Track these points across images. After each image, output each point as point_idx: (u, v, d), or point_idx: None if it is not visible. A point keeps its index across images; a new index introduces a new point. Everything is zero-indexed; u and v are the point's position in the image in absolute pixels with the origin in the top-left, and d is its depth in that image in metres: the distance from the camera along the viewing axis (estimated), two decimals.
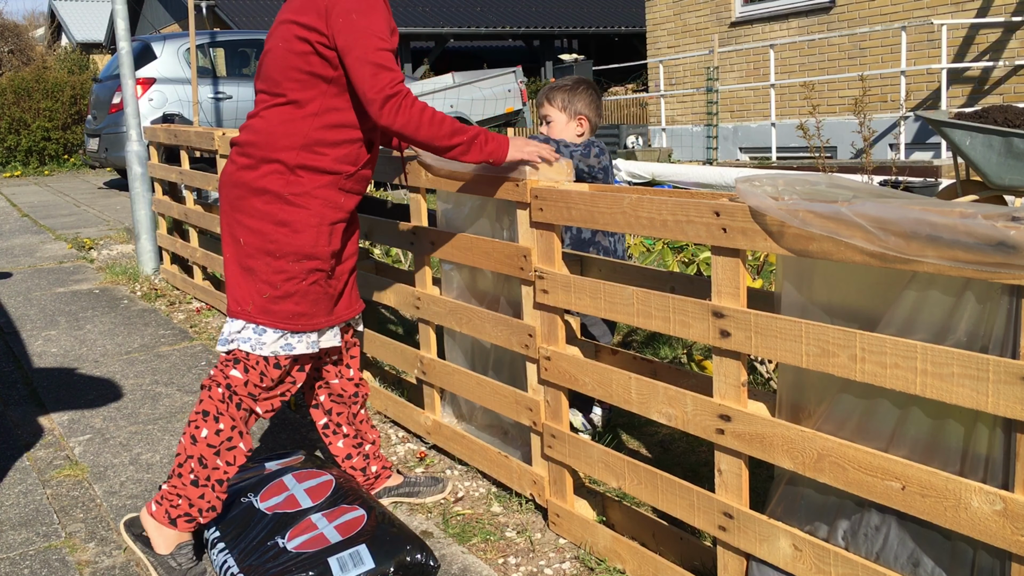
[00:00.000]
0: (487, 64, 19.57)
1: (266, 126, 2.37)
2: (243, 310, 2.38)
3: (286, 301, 2.37)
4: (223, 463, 2.40)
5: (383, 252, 5.76)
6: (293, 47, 2.32)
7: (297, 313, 2.39)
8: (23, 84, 15.51)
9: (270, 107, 2.38)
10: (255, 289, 2.36)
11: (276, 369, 2.41)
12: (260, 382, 2.41)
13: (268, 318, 2.37)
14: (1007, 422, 1.52)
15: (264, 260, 2.35)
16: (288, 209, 2.34)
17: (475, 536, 2.60)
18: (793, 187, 1.72)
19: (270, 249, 2.34)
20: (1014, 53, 8.78)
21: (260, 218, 2.34)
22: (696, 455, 3.04)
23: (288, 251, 2.34)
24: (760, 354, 1.84)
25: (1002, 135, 5.40)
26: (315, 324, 2.42)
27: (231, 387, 2.41)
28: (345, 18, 2.26)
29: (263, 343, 2.38)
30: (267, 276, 2.35)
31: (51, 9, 33.58)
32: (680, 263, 5.05)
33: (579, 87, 3.16)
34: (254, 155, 2.37)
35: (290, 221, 2.34)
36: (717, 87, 11.89)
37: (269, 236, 2.34)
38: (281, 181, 2.34)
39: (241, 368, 2.41)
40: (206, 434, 2.39)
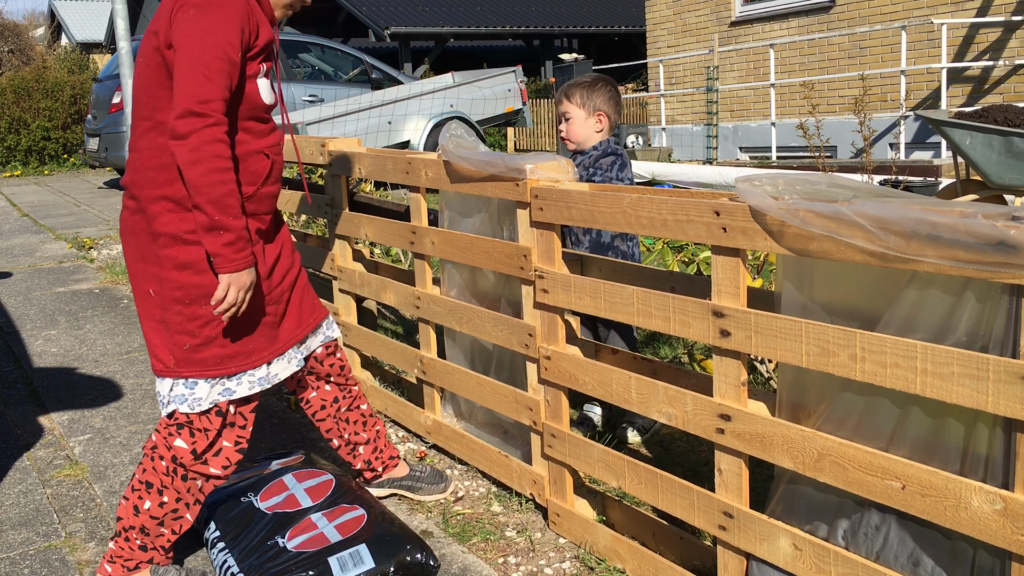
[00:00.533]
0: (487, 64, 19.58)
1: (140, 161, 2.12)
2: (166, 367, 2.18)
3: (210, 347, 2.16)
4: (168, 531, 2.29)
5: (383, 252, 5.75)
6: (150, 61, 2.09)
7: (225, 356, 2.18)
8: (23, 84, 15.52)
9: (141, 135, 2.13)
10: (173, 342, 2.16)
11: (219, 417, 2.24)
12: (210, 443, 2.25)
13: (194, 369, 2.16)
14: (1007, 421, 1.52)
15: (175, 309, 2.14)
16: (187, 249, 2.11)
17: (475, 536, 2.60)
18: (793, 187, 1.72)
19: (178, 296, 2.13)
20: (1014, 52, 8.78)
21: (161, 264, 2.13)
22: (696, 454, 3.04)
23: (197, 295, 2.13)
24: (760, 353, 1.84)
25: (1002, 134, 5.40)
26: (253, 362, 2.23)
27: (176, 459, 2.24)
28: (183, 13, 2.00)
29: (199, 398, 2.19)
30: (182, 326, 2.14)
31: (51, 9, 33.57)
32: (680, 263, 5.05)
33: (598, 83, 3.15)
34: (139, 196, 2.13)
35: (191, 262, 2.11)
36: (717, 87, 11.88)
37: (174, 282, 2.12)
38: (174, 220, 2.10)
39: (186, 434, 2.23)
40: (149, 506, 2.26)
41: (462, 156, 2.62)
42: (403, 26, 18.57)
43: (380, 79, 12.39)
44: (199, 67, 1.97)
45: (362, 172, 3.33)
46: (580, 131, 3.13)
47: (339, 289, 3.69)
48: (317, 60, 12.63)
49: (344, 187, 3.59)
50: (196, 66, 1.97)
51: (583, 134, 3.13)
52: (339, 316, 3.71)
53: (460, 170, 2.68)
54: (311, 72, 12.47)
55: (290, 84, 11.63)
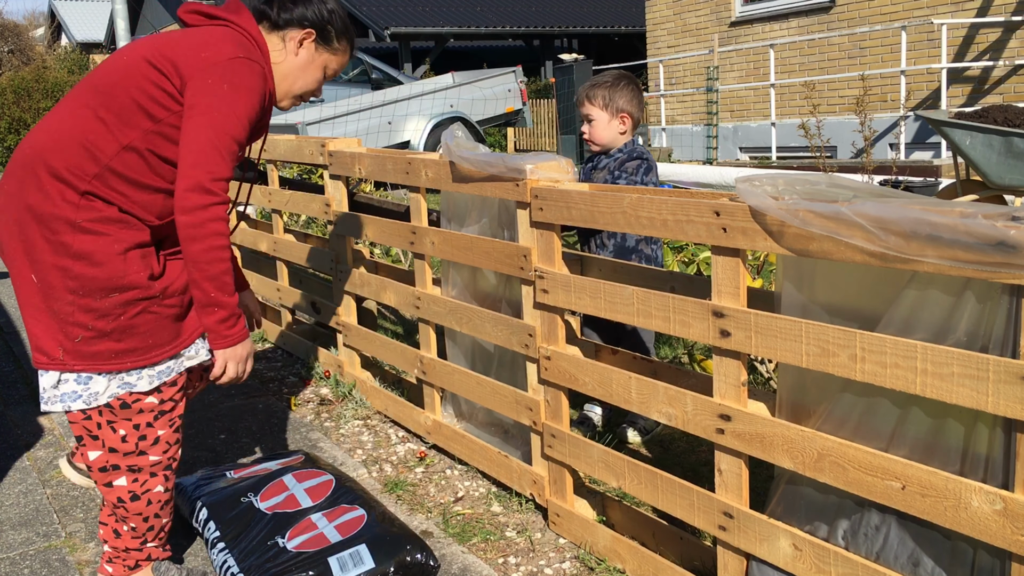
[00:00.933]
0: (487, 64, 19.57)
1: (60, 134, 2.03)
2: (51, 359, 2.03)
3: (104, 340, 2.04)
4: (157, 527, 2.23)
5: (383, 252, 5.75)
6: (133, 73, 2.04)
7: (121, 351, 2.05)
8: (23, 84, 15.52)
9: (75, 112, 2.05)
10: (63, 333, 2.02)
11: (125, 409, 2.11)
12: (145, 436, 2.13)
13: (86, 362, 2.03)
14: (1007, 422, 1.52)
15: (67, 299, 2.00)
16: (84, 239, 2.00)
17: (475, 536, 2.60)
18: (793, 187, 1.72)
19: (71, 287, 2.00)
20: (1014, 52, 8.78)
21: (52, 251, 1.99)
22: (696, 455, 3.04)
23: (93, 287, 2.01)
24: (760, 354, 1.84)
25: (1002, 135, 5.40)
26: (151, 358, 2.09)
27: (121, 501, 2.16)
28: (214, 81, 2.00)
29: (95, 393, 2.06)
30: (74, 317, 2.01)
31: (51, 9, 33.57)
32: (680, 263, 5.05)
33: (620, 83, 3.10)
34: (38, 172, 2.01)
35: (88, 252, 2.00)
36: (717, 87, 11.88)
37: (67, 271, 1.99)
38: (70, 206, 2.00)
39: (122, 470, 2.13)
40: (123, 532, 2.22)
41: (463, 156, 2.62)
42: (403, 26, 18.57)
43: (380, 79, 12.39)
44: (219, 145, 1.99)
45: (362, 172, 3.33)
46: (603, 134, 3.10)
47: (339, 289, 3.69)
48: None
49: (344, 187, 3.59)
50: (216, 143, 1.99)
51: (607, 136, 3.10)
52: (339, 316, 3.71)
53: (461, 170, 2.68)
54: None
55: None
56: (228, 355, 2.12)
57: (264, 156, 4.13)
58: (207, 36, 2.10)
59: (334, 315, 3.76)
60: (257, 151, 2.24)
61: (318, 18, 2.24)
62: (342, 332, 3.72)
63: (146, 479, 2.18)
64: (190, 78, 2.01)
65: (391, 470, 3.09)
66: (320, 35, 2.25)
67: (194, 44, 2.07)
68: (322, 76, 2.32)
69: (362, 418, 3.55)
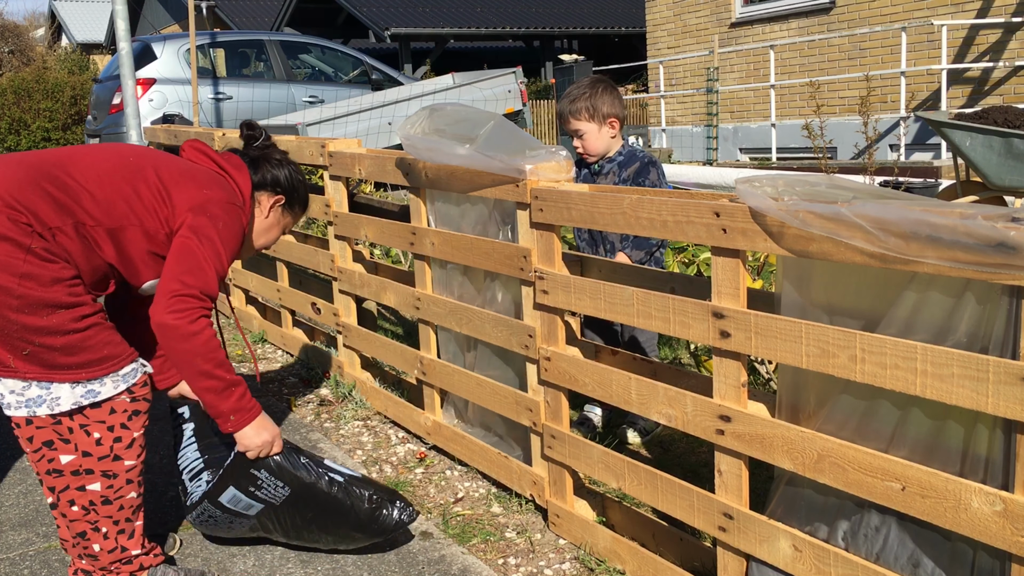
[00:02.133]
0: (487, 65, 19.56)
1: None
2: (5, 367, 2.00)
3: (55, 354, 2.01)
4: (132, 535, 2.22)
5: (383, 253, 5.76)
6: (138, 180, 2.15)
7: (74, 364, 2.03)
8: (23, 84, 15.51)
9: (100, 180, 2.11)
10: (9, 346, 1.99)
11: (107, 405, 2.10)
12: (120, 438, 2.13)
13: (43, 372, 2.02)
14: (1007, 423, 1.52)
15: (8, 316, 1.97)
16: (33, 261, 1.98)
17: (475, 537, 2.60)
18: (793, 188, 1.72)
19: (13, 305, 1.96)
20: (1014, 54, 8.78)
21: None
22: (696, 455, 3.04)
23: (35, 304, 1.98)
24: (760, 355, 1.84)
25: (1002, 136, 5.40)
26: (109, 367, 2.08)
27: (92, 504, 2.14)
28: (208, 218, 2.16)
29: (57, 398, 2.04)
30: (18, 334, 1.98)
31: (51, 9, 33.58)
32: (680, 264, 5.05)
33: (597, 89, 3.11)
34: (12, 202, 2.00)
35: (34, 274, 1.97)
36: (717, 88, 11.88)
37: (9, 290, 1.95)
38: (19, 231, 1.98)
39: (96, 474, 2.10)
40: (99, 547, 2.18)
41: (463, 157, 2.62)
42: (403, 27, 18.57)
43: (380, 80, 12.39)
44: (205, 265, 2.13)
45: (362, 173, 3.33)
46: (597, 144, 3.12)
47: (339, 290, 3.69)
48: (317, 61, 12.63)
49: (344, 188, 3.59)
50: (204, 262, 2.13)
51: (601, 145, 3.12)
52: (339, 317, 3.71)
53: (460, 170, 2.68)
54: (311, 73, 12.48)
55: (290, 85, 11.64)
56: (254, 430, 2.26)
57: None
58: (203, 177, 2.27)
59: (334, 316, 3.76)
60: None
61: (288, 184, 2.47)
62: (342, 333, 3.72)
63: (121, 485, 2.16)
64: (178, 217, 2.17)
65: (391, 471, 3.09)
66: (288, 200, 2.48)
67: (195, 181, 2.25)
68: (280, 234, 2.55)
69: (362, 419, 3.55)
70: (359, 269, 3.58)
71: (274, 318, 4.65)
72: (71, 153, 2.17)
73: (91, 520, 2.15)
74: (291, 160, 2.52)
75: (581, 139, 3.13)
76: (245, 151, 2.47)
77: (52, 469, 2.11)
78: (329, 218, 3.62)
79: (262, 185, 2.42)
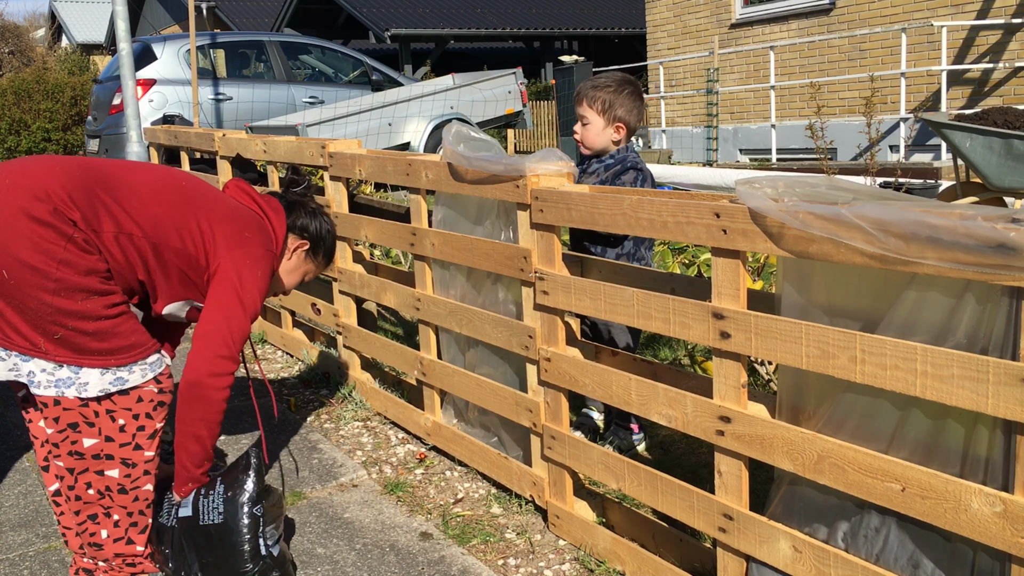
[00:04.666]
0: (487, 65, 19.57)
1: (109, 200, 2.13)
2: (34, 347, 2.05)
3: (87, 338, 2.07)
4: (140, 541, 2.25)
5: (383, 253, 5.76)
6: (177, 234, 2.21)
7: (104, 350, 2.09)
8: (23, 85, 15.51)
9: (143, 206, 2.18)
10: (41, 329, 2.04)
11: (135, 393, 2.16)
12: (143, 427, 2.18)
13: (73, 356, 2.07)
14: (1007, 424, 1.52)
15: (44, 299, 2.02)
16: (72, 248, 2.04)
17: (475, 537, 2.60)
18: (793, 189, 1.72)
19: (50, 287, 2.01)
20: (1014, 55, 8.78)
21: (39, 250, 2.00)
22: (696, 456, 3.04)
23: (72, 288, 2.04)
24: (760, 355, 1.84)
25: (1002, 137, 5.40)
26: (137, 355, 2.15)
27: (108, 490, 2.18)
28: (242, 259, 2.26)
29: (85, 383, 2.09)
30: (52, 317, 2.03)
31: (52, 10, 33.60)
32: (680, 264, 5.05)
33: (624, 90, 3.00)
34: (63, 211, 2.04)
35: (72, 261, 2.03)
36: (717, 89, 11.89)
37: (48, 273, 2.00)
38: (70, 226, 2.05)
39: (116, 460, 2.15)
40: (106, 534, 2.21)
41: (462, 157, 2.62)
42: (403, 28, 18.57)
43: (380, 81, 12.40)
44: (242, 314, 2.23)
45: (362, 174, 3.33)
46: (597, 140, 3.02)
47: (339, 291, 3.69)
48: (317, 62, 12.64)
49: (344, 189, 3.59)
50: (241, 312, 2.23)
51: (600, 143, 3.02)
52: (339, 318, 3.72)
53: (460, 171, 2.68)
54: (311, 74, 12.48)
55: (291, 86, 11.64)
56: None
57: (264, 158, 4.13)
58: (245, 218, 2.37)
59: (334, 316, 3.76)
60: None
61: (316, 233, 2.58)
62: (342, 333, 3.72)
63: (138, 476, 2.20)
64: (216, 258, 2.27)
65: (391, 471, 3.09)
66: (312, 248, 2.58)
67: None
68: (300, 280, 2.64)
69: (362, 419, 3.55)
70: (359, 270, 3.58)
71: (274, 319, 4.65)
72: (130, 167, 2.26)
73: (105, 505, 2.19)
74: (326, 212, 2.65)
75: (584, 127, 3.03)
76: (283, 195, 2.59)
77: (74, 451, 2.15)
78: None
79: (291, 228, 2.52)
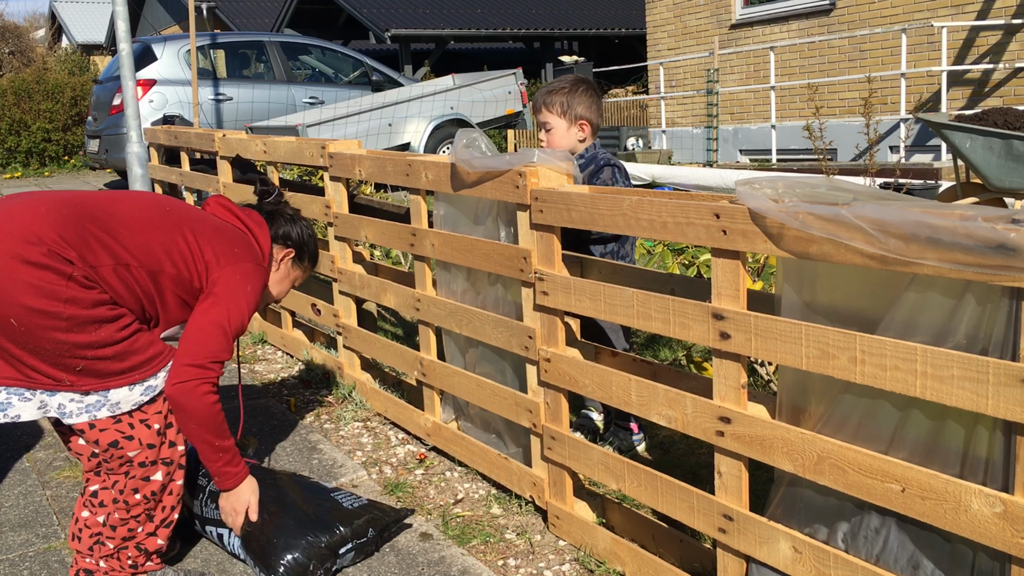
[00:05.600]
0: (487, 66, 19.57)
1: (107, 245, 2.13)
2: (60, 382, 2.07)
3: (107, 362, 2.10)
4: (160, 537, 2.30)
5: (383, 253, 5.76)
6: (175, 251, 2.22)
7: (126, 369, 2.13)
8: (23, 85, 15.51)
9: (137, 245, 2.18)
10: (60, 366, 2.06)
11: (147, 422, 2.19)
12: (172, 424, 2.23)
13: (97, 382, 2.10)
14: (1007, 424, 1.52)
15: (56, 338, 2.03)
16: (75, 287, 2.05)
17: (475, 538, 2.60)
18: (793, 189, 1.72)
19: (62, 326, 2.02)
20: (1014, 55, 8.78)
21: (44, 295, 2.00)
22: (696, 457, 3.04)
23: (83, 321, 2.05)
24: (760, 356, 1.84)
25: (1002, 137, 5.40)
26: (158, 364, 2.19)
27: (155, 495, 2.23)
28: (237, 274, 2.27)
29: (116, 403, 2.14)
30: (71, 352, 2.05)
31: (52, 10, 33.59)
32: (680, 265, 5.05)
33: (577, 88, 3.02)
34: (63, 253, 2.04)
35: (78, 299, 2.04)
36: (717, 89, 11.89)
37: (57, 314, 2.01)
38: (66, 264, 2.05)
39: (159, 464, 2.21)
40: (142, 530, 2.26)
41: (463, 158, 2.62)
42: (403, 28, 18.56)
43: (380, 81, 12.40)
44: (227, 330, 2.22)
45: (362, 174, 3.33)
46: (562, 142, 3.02)
47: (339, 291, 3.69)
48: (317, 62, 12.65)
49: (344, 189, 3.59)
50: (224, 328, 2.21)
51: (566, 144, 3.02)
52: (339, 318, 3.71)
53: (460, 172, 2.68)
54: (311, 74, 12.49)
55: (291, 86, 11.64)
56: (234, 495, 2.36)
57: (265, 158, 4.13)
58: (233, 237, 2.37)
59: (334, 317, 3.76)
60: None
61: (299, 239, 2.58)
62: (342, 334, 3.72)
63: (174, 471, 2.28)
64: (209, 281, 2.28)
65: (391, 472, 3.09)
66: (298, 254, 2.59)
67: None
68: (290, 288, 2.64)
69: (362, 420, 3.55)
70: (359, 270, 3.58)
71: (274, 319, 4.65)
72: (113, 198, 2.26)
73: (149, 509, 2.26)
74: (302, 216, 2.66)
75: (548, 133, 3.03)
76: (259, 206, 2.59)
77: (123, 462, 2.20)
78: (329, 219, 3.62)
79: (275, 238, 2.53)
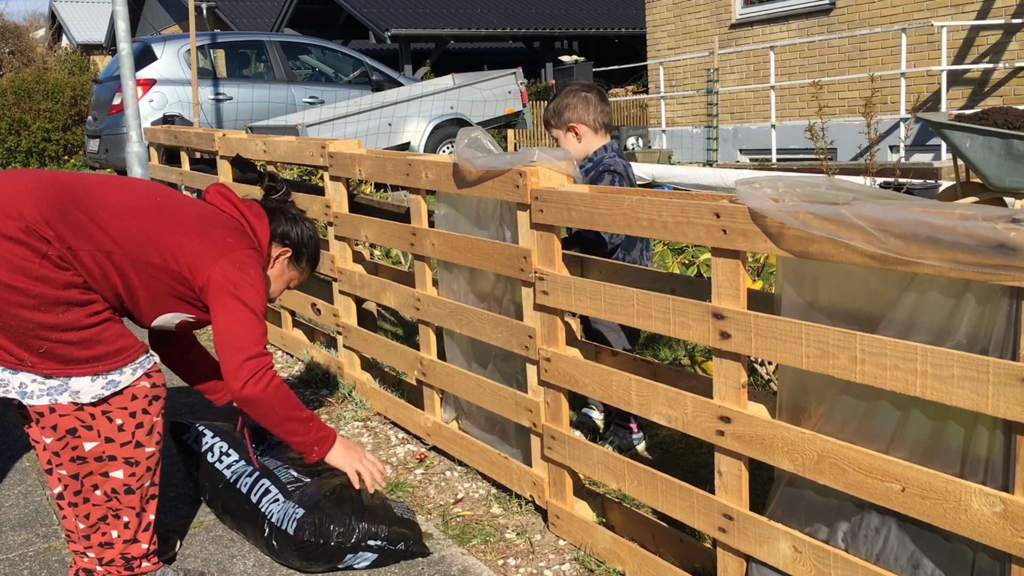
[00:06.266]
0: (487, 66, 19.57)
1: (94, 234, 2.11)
2: (22, 362, 2.05)
3: (72, 348, 2.06)
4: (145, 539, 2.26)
5: (383, 252, 5.76)
6: (157, 251, 2.19)
7: (91, 358, 2.08)
8: (23, 85, 15.50)
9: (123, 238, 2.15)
10: (24, 345, 2.03)
11: (129, 391, 2.15)
12: (142, 424, 2.17)
13: (60, 367, 2.06)
14: (1007, 424, 1.52)
15: (22, 315, 2.01)
16: (48, 265, 2.03)
17: (475, 537, 2.60)
18: (793, 189, 1.72)
19: (29, 304, 2.00)
20: (1014, 55, 8.78)
21: (16, 270, 1.99)
22: (696, 456, 3.04)
23: (50, 302, 2.03)
24: (760, 356, 1.84)
25: (1002, 137, 5.40)
26: (124, 359, 2.14)
27: (115, 492, 2.17)
28: (239, 264, 2.24)
29: (76, 391, 2.09)
30: (35, 332, 2.03)
31: (52, 10, 33.59)
32: (680, 265, 5.05)
33: (566, 97, 3.11)
34: (45, 236, 2.03)
35: (49, 278, 2.02)
36: (717, 89, 11.89)
37: (26, 291, 1.99)
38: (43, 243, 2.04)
39: (119, 461, 2.14)
40: (117, 535, 2.20)
41: (464, 157, 2.62)
42: (403, 28, 18.57)
43: (380, 81, 12.41)
44: (250, 314, 2.21)
45: (362, 174, 3.34)
46: (571, 150, 3.07)
47: (339, 291, 3.69)
48: (317, 62, 12.65)
49: (344, 189, 3.59)
50: (247, 314, 2.20)
51: (574, 151, 3.10)
52: (339, 318, 3.71)
53: (460, 171, 2.68)
54: (311, 74, 12.49)
55: (291, 86, 11.64)
56: (344, 455, 2.41)
57: (265, 158, 4.13)
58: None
59: (334, 316, 3.76)
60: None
61: (298, 240, 2.55)
62: (342, 334, 3.72)
63: (142, 474, 2.20)
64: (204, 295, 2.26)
65: (391, 471, 3.09)
66: (294, 255, 2.56)
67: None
68: (285, 288, 2.62)
69: (362, 419, 3.55)
70: (359, 270, 3.58)
71: (274, 318, 4.65)
72: (107, 184, 2.23)
73: (113, 507, 2.19)
74: (307, 218, 2.62)
75: (558, 146, 3.14)
76: (264, 201, 2.56)
77: (76, 456, 2.14)
78: (329, 219, 3.62)
79: (272, 236, 2.50)
